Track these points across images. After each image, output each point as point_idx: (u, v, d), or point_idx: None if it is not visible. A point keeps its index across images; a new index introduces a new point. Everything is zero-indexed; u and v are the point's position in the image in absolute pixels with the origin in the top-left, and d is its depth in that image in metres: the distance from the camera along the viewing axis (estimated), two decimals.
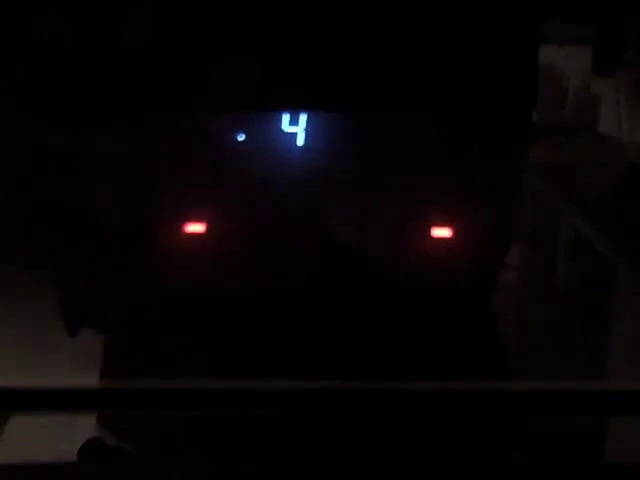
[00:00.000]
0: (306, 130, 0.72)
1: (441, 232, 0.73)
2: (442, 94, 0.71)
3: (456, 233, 0.73)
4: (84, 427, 0.77)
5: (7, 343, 0.79)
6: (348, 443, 0.73)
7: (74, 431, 0.76)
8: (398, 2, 0.71)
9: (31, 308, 0.84)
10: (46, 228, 0.75)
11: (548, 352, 0.80)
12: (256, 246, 0.74)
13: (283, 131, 0.72)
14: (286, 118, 0.73)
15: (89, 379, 0.75)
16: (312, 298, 0.75)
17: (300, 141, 0.72)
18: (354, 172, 0.73)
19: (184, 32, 0.71)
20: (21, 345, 0.82)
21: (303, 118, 0.72)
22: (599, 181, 0.79)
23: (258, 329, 0.75)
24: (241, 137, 0.73)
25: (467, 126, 0.72)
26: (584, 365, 0.78)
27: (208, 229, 0.74)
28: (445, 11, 0.71)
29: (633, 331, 0.79)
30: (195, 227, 0.74)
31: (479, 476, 0.65)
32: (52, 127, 0.71)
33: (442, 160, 0.72)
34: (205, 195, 0.73)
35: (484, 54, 0.72)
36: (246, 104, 0.72)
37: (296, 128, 0.72)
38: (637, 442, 0.74)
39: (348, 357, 0.74)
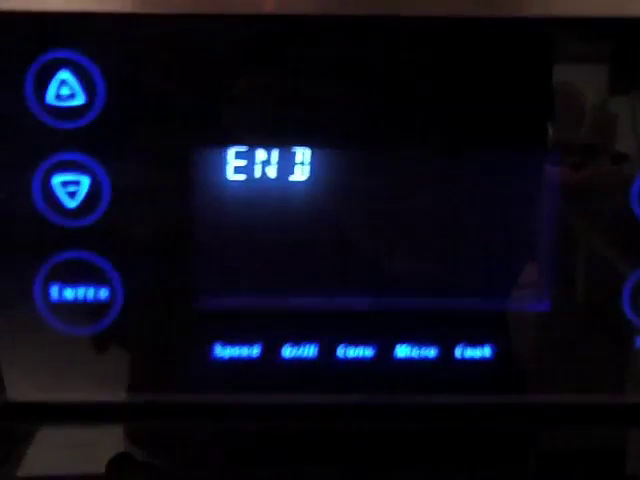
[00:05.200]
0: (313, 166, 0.73)
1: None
2: (452, 119, 0.72)
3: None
4: (110, 447, 0.78)
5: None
6: (363, 455, 0.74)
7: (100, 451, 0.77)
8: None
9: None
10: None
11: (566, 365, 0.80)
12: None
13: (291, 169, 0.73)
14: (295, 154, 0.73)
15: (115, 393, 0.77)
16: None
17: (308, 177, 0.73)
18: (369, 204, 0.74)
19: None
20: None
21: (308, 154, 0.73)
22: (616, 199, 0.79)
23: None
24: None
25: (478, 152, 0.73)
26: (600, 377, 0.79)
27: None
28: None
29: None
30: None
31: None
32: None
33: (455, 184, 0.74)
34: None
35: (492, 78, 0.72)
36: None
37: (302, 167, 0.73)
38: None
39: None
